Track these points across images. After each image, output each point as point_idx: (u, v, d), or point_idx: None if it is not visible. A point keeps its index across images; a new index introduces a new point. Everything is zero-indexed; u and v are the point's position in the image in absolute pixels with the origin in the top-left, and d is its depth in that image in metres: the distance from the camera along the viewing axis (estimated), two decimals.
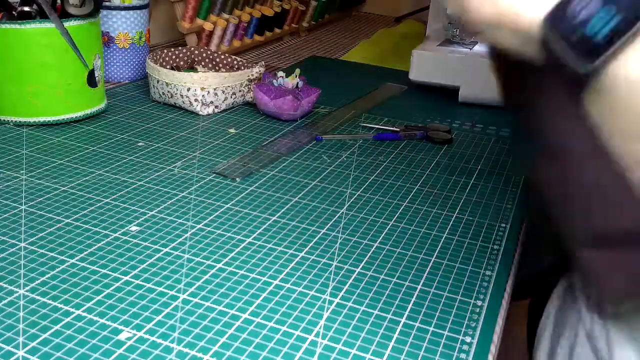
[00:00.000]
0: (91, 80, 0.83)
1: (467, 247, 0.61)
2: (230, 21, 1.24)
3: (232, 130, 0.86)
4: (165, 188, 0.68)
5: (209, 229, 0.60)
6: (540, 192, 0.42)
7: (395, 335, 0.47)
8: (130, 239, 0.57)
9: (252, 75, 0.95)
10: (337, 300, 0.51)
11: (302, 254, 0.57)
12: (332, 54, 1.38)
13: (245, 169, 0.74)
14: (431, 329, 0.48)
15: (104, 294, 0.49)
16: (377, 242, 0.60)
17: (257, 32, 1.36)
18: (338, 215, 0.65)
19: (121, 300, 0.49)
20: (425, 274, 0.56)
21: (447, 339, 0.47)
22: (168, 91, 0.91)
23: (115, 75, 1.03)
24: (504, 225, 0.66)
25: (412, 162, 0.80)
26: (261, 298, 0.50)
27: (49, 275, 0.51)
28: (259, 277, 0.53)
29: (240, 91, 0.95)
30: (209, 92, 0.90)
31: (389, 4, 1.92)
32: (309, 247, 0.59)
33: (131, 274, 0.52)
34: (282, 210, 0.65)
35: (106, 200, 0.64)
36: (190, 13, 1.16)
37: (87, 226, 0.59)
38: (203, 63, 1.06)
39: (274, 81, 0.94)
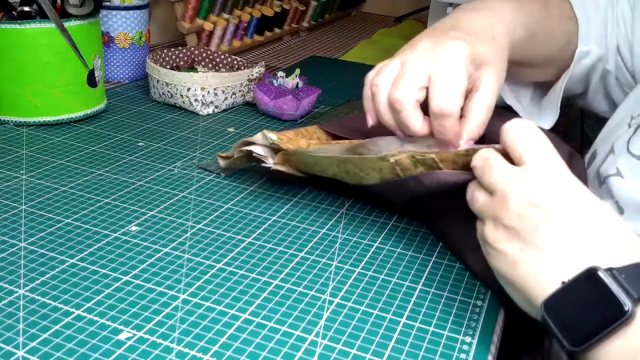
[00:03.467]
0: (91, 80, 0.83)
1: None
2: (230, 21, 1.24)
3: (231, 130, 0.86)
4: (165, 188, 0.68)
5: (209, 229, 0.60)
6: None
7: (395, 335, 0.47)
8: (130, 239, 0.57)
9: (252, 75, 0.95)
10: (337, 300, 0.51)
11: (302, 254, 0.57)
12: (332, 54, 1.38)
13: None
14: (431, 329, 0.48)
15: (104, 294, 0.49)
16: (377, 242, 0.60)
17: (257, 32, 1.36)
18: (338, 215, 0.65)
19: (121, 300, 0.49)
20: (425, 274, 0.56)
21: (447, 339, 0.47)
22: (168, 91, 0.91)
23: (115, 75, 1.03)
24: None
25: None
26: (261, 298, 0.50)
27: (49, 275, 0.51)
28: (259, 277, 0.53)
29: (240, 91, 0.95)
30: (209, 92, 0.90)
31: (389, 4, 1.92)
32: (309, 247, 0.58)
33: (131, 274, 0.52)
34: (282, 210, 0.65)
35: (106, 200, 0.64)
36: (190, 13, 1.16)
37: (87, 226, 0.59)
38: (203, 63, 1.06)
39: (274, 81, 0.94)
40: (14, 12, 0.80)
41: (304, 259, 0.57)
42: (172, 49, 1.02)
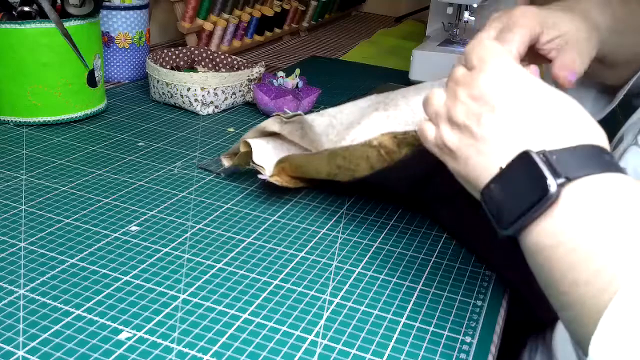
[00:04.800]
0: (91, 80, 0.84)
1: None
2: (230, 21, 1.24)
3: (231, 130, 0.86)
4: (165, 188, 0.68)
5: (209, 229, 0.60)
6: None
7: (395, 335, 0.47)
8: (130, 239, 0.57)
9: (252, 75, 0.95)
10: (337, 300, 0.51)
11: (302, 254, 0.57)
12: (332, 54, 1.38)
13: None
14: (431, 329, 0.48)
15: (104, 294, 0.49)
16: (377, 242, 0.60)
17: (257, 32, 1.36)
18: (338, 215, 0.65)
19: (121, 300, 0.49)
20: (425, 274, 0.56)
21: (447, 339, 0.47)
22: (168, 91, 0.91)
23: (115, 75, 1.03)
24: None
25: None
26: (261, 298, 0.50)
27: (49, 275, 0.51)
28: (259, 277, 0.53)
29: (240, 91, 0.95)
30: (209, 92, 0.90)
31: (389, 4, 1.92)
32: (309, 247, 0.59)
33: (131, 274, 0.52)
34: (282, 210, 0.65)
35: (106, 200, 0.64)
36: (190, 13, 1.16)
37: (87, 226, 0.59)
38: (203, 63, 1.06)
39: (274, 81, 0.94)
40: (14, 12, 0.80)
41: (304, 259, 0.57)
42: (172, 49, 1.02)
